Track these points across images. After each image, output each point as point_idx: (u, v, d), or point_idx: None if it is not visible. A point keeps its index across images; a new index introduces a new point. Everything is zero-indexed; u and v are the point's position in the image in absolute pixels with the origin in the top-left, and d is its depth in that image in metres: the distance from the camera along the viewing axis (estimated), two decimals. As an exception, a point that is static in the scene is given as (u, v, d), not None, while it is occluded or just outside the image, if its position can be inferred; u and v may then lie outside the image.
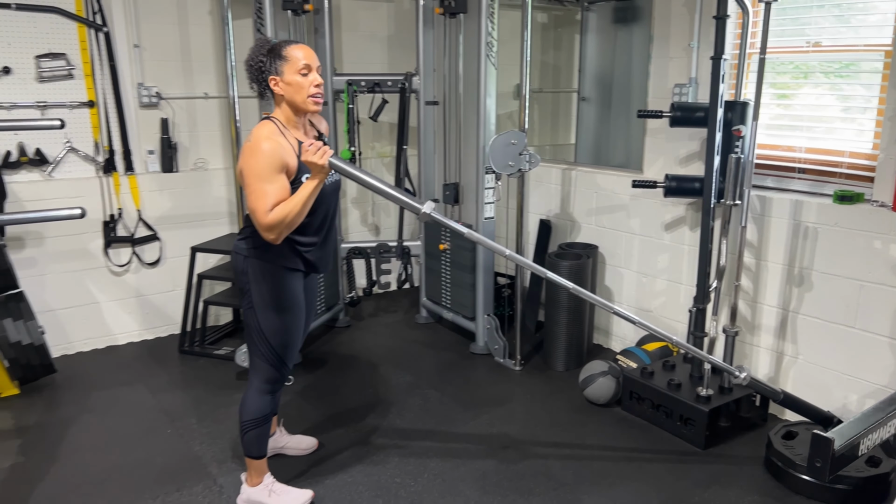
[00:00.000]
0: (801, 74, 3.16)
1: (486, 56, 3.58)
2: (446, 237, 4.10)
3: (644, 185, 3.34)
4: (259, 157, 2.16)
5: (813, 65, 3.10)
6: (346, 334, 4.24)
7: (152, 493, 2.62)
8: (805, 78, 3.15)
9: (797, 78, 3.18)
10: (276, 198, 2.16)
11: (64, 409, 3.30)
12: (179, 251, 4.11)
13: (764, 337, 3.25)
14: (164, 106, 3.99)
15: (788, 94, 3.22)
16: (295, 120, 2.31)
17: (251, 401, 2.44)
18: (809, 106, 3.14)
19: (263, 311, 2.34)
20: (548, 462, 2.85)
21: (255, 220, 2.18)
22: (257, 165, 2.16)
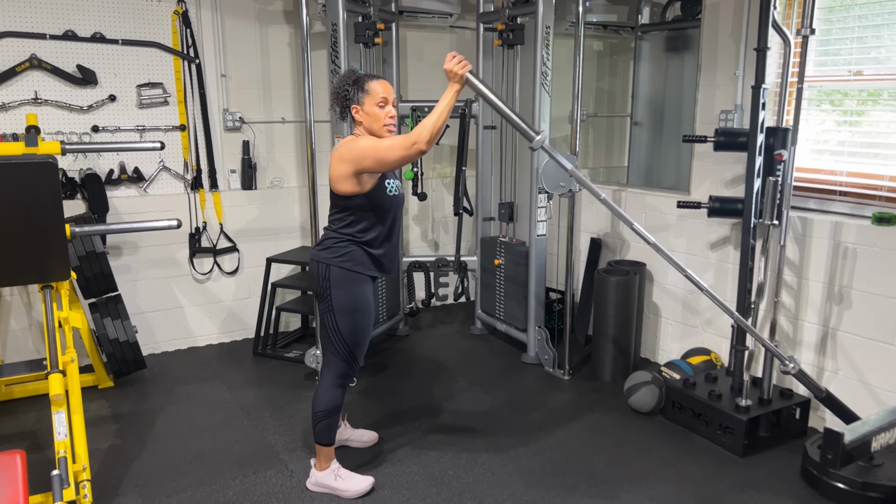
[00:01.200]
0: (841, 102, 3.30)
1: (540, 84, 3.85)
2: (501, 253, 4.35)
3: (689, 205, 3.52)
4: (358, 142, 2.52)
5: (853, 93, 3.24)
6: (405, 342, 4.53)
7: (231, 475, 2.94)
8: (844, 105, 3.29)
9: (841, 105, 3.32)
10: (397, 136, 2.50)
11: (153, 400, 3.67)
12: (256, 262, 4.50)
13: (805, 353, 3.37)
14: (246, 129, 4.40)
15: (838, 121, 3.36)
16: None
17: (324, 393, 2.74)
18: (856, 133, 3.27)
19: (340, 313, 2.64)
20: (591, 462, 3.04)
21: (396, 150, 2.45)
22: (361, 144, 2.51)
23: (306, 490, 2.82)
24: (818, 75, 3.34)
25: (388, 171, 2.63)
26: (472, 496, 2.78)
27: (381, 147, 2.49)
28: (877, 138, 3.17)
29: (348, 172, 2.53)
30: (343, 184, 2.57)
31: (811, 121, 3.41)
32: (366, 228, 2.64)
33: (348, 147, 2.54)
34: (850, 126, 3.27)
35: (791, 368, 2.75)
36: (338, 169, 2.55)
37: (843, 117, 3.32)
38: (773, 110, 3.38)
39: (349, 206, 2.62)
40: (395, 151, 2.46)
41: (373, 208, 2.63)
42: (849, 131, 3.28)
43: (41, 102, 3.78)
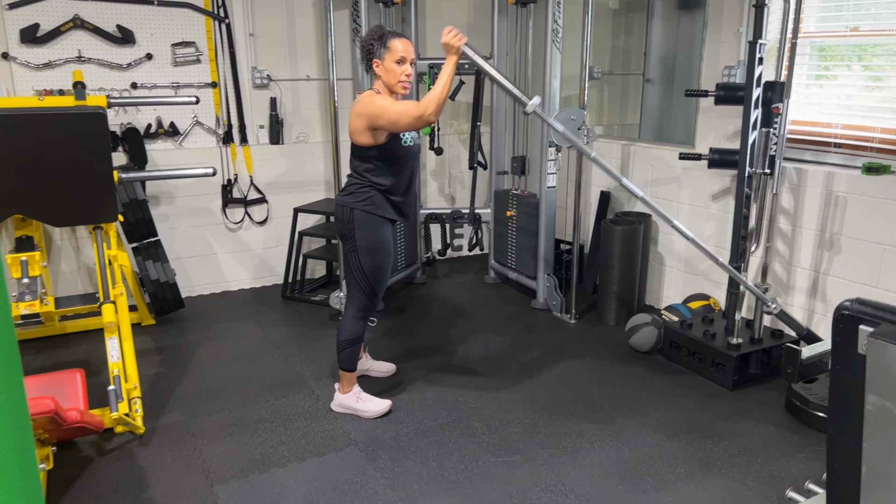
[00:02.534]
0: (838, 57, 3.45)
1: (552, 42, 4.03)
2: (513, 205, 4.58)
3: (690, 157, 3.71)
4: (377, 100, 2.75)
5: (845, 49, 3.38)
6: (422, 289, 4.82)
7: (264, 399, 3.27)
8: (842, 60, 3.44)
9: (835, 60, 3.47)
10: (409, 103, 2.74)
11: (191, 335, 4.01)
12: (284, 212, 4.79)
13: (797, 296, 3.58)
14: (273, 87, 4.65)
15: (830, 76, 3.51)
16: (390, 95, 2.87)
17: (347, 324, 3.04)
18: (847, 86, 3.42)
19: (364, 252, 2.91)
20: (590, 392, 3.31)
21: (407, 118, 2.70)
22: (378, 103, 2.74)
23: (331, 411, 3.14)
24: (818, 31, 3.48)
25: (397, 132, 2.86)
26: (480, 418, 3.08)
27: (394, 112, 2.72)
28: (872, 92, 3.32)
29: (363, 126, 2.78)
30: (360, 136, 2.82)
31: (809, 75, 3.56)
32: (384, 175, 2.89)
33: (365, 103, 2.78)
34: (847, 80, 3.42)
35: (773, 308, 2.97)
36: (355, 122, 2.80)
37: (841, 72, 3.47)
38: (772, 65, 3.53)
39: (368, 156, 2.87)
40: (406, 119, 2.71)
41: (390, 158, 2.88)
42: (842, 85, 3.43)
43: (84, 60, 4.06)
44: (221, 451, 2.84)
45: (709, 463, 2.75)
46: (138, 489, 2.60)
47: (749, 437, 2.93)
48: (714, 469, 2.71)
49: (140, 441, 2.90)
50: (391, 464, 2.75)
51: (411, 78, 2.87)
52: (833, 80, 3.50)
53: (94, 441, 2.90)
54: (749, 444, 2.87)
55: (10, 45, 3.87)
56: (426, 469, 2.72)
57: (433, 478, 2.66)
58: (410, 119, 2.71)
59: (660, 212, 2.96)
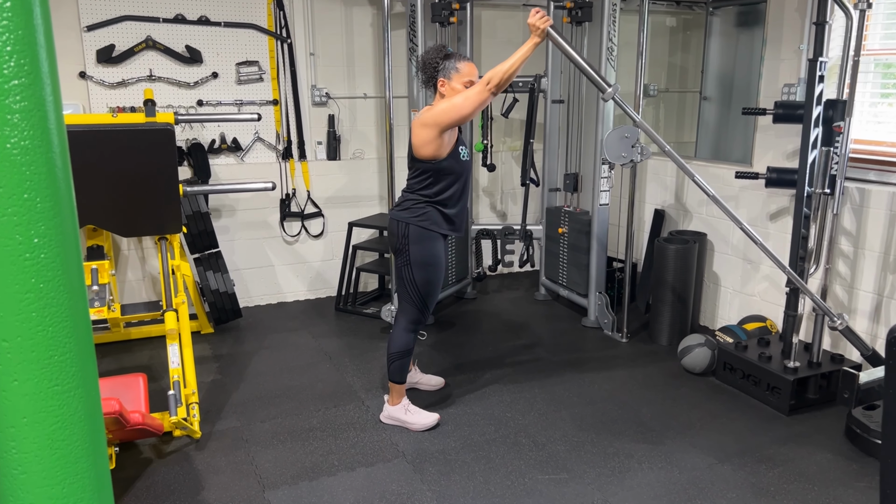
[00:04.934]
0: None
1: (606, 60, 4.04)
2: (565, 222, 4.58)
3: (746, 175, 3.65)
4: (437, 106, 2.83)
5: (917, 65, 3.29)
6: (472, 305, 4.85)
7: (315, 408, 3.34)
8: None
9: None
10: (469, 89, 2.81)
11: (247, 344, 4.14)
12: (339, 226, 4.90)
13: (859, 320, 3.47)
14: (332, 104, 4.78)
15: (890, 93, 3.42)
16: None
17: (398, 336, 3.09)
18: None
19: (417, 267, 2.97)
20: (639, 413, 3.28)
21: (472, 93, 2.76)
22: (441, 107, 2.81)
23: (380, 422, 3.19)
24: (883, 48, 3.39)
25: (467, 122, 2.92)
26: (527, 434, 3.08)
27: (456, 103, 2.79)
28: (939, 111, 3.22)
29: (432, 135, 2.84)
30: (425, 148, 2.88)
31: (873, 93, 3.47)
32: (442, 189, 2.95)
33: (429, 114, 2.85)
34: (913, 99, 3.32)
35: (839, 324, 2.89)
36: (420, 135, 2.86)
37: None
38: (834, 83, 3.46)
39: (429, 169, 2.93)
40: (470, 101, 2.77)
41: (448, 171, 2.94)
42: (911, 104, 3.33)
43: (155, 79, 4.27)
44: (273, 457, 2.92)
45: (762, 489, 2.69)
46: (194, 492, 2.69)
47: (805, 463, 2.85)
48: (767, 496, 2.65)
49: (197, 445, 3.01)
50: (438, 477, 2.78)
51: None
52: None
53: (153, 443, 3.02)
54: (805, 471, 2.79)
55: (88, 64, 4.10)
56: (472, 483, 2.74)
57: (479, 492, 2.68)
58: (474, 96, 2.76)
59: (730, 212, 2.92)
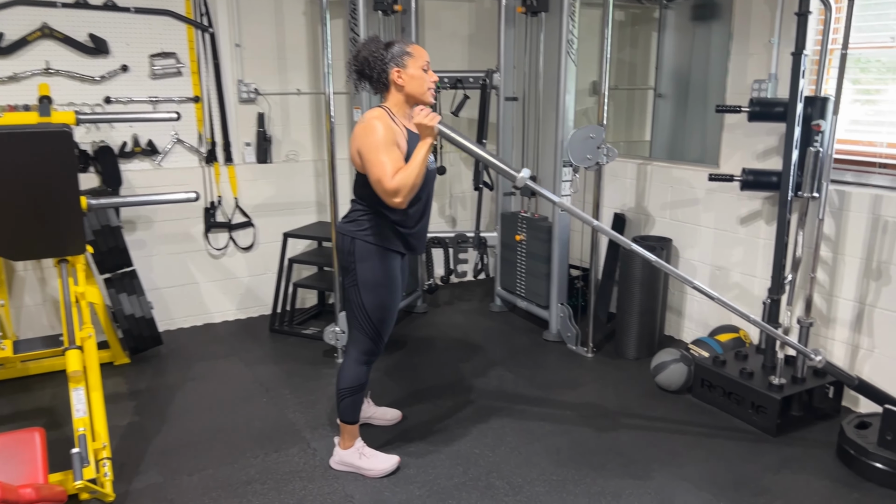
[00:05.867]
0: (885, 70, 3.17)
1: (566, 53, 3.72)
2: (522, 229, 4.25)
3: (721, 178, 3.41)
4: (376, 133, 2.38)
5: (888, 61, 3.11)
6: (423, 319, 4.46)
7: (253, 453, 2.88)
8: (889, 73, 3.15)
9: (882, 74, 3.19)
10: (395, 166, 2.38)
11: (170, 376, 3.62)
12: (272, 237, 4.42)
13: (839, 330, 3.27)
14: (261, 101, 4.29)
15: (872, 90, 3.23)
16: (405, 110, 2.52)
17: (349, 370, 2.67)
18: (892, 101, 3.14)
19: (366, 289, 2.55)
20: (619, 440, 2.97)
21: (381, 188, 2.37)
22: (375, 140, 2.38)
23: (330, 469, 2.76)
24: (858, 42, 3.20)
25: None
26: (500, 475, 2.72)
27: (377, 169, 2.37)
28: (920, 108, 3.04)
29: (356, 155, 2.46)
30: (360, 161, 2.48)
31: (850, 90, 3.28)
32: (392, 210, 2.54)
33: (365, 130, 2.41)
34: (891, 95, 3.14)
35: (818, 362, 2.65)
36: (354, 147, 2.46)
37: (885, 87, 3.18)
38: (810, 79, 3.25)
39: None
40: (378, 188, 2.39)
41: None
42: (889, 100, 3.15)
43: (53, 73, 3.68)
44: (205, 520, 2.45)
45: (766, 529, 2.42)
46: (106, 573, 2.20)
47: (804, 493, 2.60)
48: (773, 537, 2.38)
49: (110, 509, 2.50)
50: (403, 535, 2.38)
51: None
52: (875, 94, 3.22)
53: (55, 510, 2.49)
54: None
55: (-31, 55, 3.49)
56: (444, 541, 2.35)
57: (453, 553, 2.30)
58: (381, 192, 2.40)
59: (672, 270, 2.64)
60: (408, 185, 2.36)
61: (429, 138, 2.39)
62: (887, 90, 3.18)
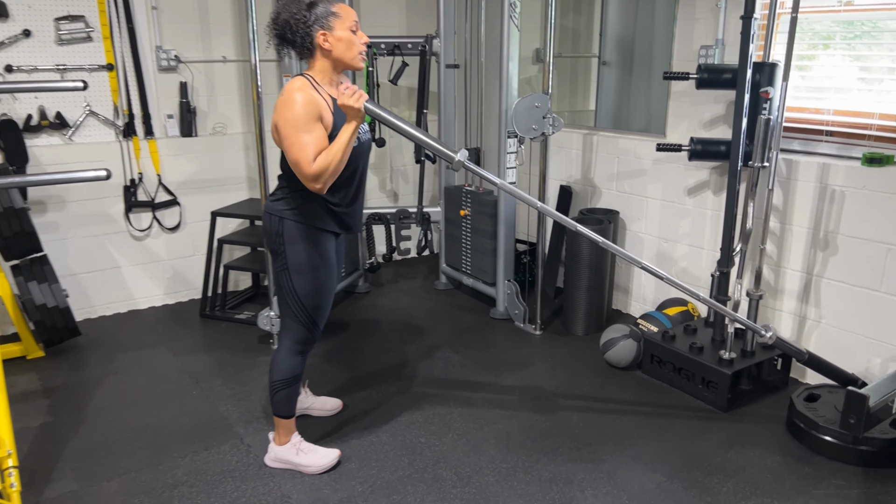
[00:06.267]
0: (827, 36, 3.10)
1: (508, 17, 3.53)
2: (467, 203, 4.08)
3: (669, 148, 3.30)
4: (294, 108, 2.15)
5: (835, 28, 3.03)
6: (365, 300, 4.26)
7: (180, 452, 2.66)
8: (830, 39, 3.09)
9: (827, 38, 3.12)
10: (316, 147, 2.16)
11: (89, 370, 3.34)
12: (199, 216, 4.13)
13: (787, 301, 3.24)
14: (183, 69, 3.97)
15: (817, 56, 3.16)
16: (331, 77, 2.29)
17: (282, 361, 2.46)
18: (838, 67, 3.08)
19: (298, 273, 2.35)
20: (570, 422, 2.86)
21: (299, 172, 2.17)
22: (294, 116, 2.15)
23: (265, 467, 2.57)
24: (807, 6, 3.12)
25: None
26: (447, 465, 2.58)
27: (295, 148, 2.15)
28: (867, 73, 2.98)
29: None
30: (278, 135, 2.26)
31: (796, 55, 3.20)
32: None
33: (285, 103, 2.17)
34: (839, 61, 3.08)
35: (769, 338, 2.59)
36: (273, 119, 2.23)
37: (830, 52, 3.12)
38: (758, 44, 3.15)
39: None
40: (297, 170, 2.19)
41: None
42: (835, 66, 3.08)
43: (-60, 37, 3.29)
44: (126, 531, 2.24)
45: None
46: None
47: (757, 470, 2.55)
48: (728, 518, 2.31)
49: (17, 524, 2.26)
50: (345, 536, 2.22)
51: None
52: (820, 61, 3.15)
53: (-46, 528, 2.24)
54: (759, 481, 2.48)
55: None
56: (389, 541, 2.20)
57: (399, 553, 2.15)
58: (300, 175, 2.20)
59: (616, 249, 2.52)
60: (328, 171, 2.16)
61: (354, 121, 2.17)
62: (818, 56, 3.12)
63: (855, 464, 2.55)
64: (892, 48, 2.89)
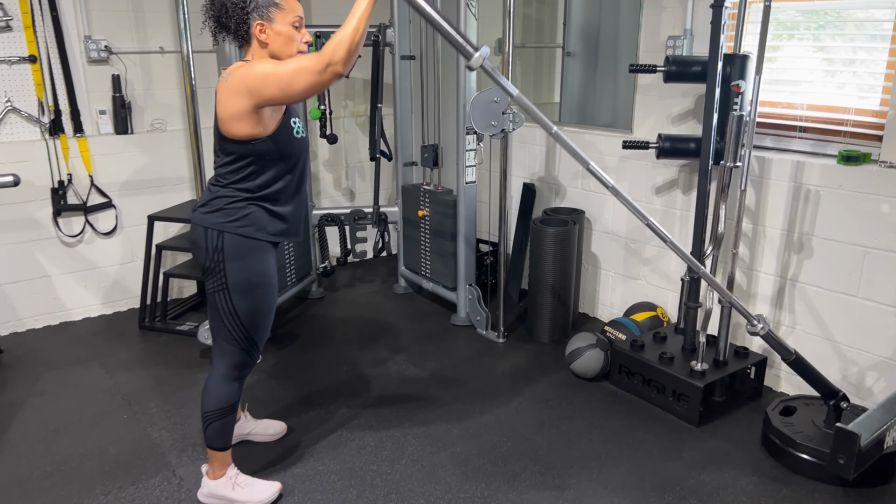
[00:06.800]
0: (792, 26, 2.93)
1: (466, 6, 3.30)
2: (426, 203, 3.85)
3: (636, 145, 3.11)
4: (255, 67, 1.92)
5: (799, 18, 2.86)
6: (318, 307, 4.02)
7: (104, 488, 2.40)
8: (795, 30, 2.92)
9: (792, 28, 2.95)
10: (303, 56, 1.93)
11: (10, 392, 3.04)
12: (137, 219, 3.84)
13: (759, 306, 3.08)
14: (116, 61, 3.66)
15: (781, 47, 2.99)
16: None
17: (216, 388, 2.22)
18: (804, 59, 2.91)
19: (238, 292, 2.10)
20: (534, 443, 2.67)
21: (310, 77, 1.87)
22: (262, 69, 1.91)
23: (198, 503, 2.32)
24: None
25: (294, 104, 2.06)
26: (400, 496, 2.36)
27: (285, 71, 1.88)
28: (839, 66, 2.82)
29: (247, 108, 1.95)
30: (239, 124, 1.98)
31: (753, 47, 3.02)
32: (269, 181, 2.09)
33: (242, 75, 1.93)
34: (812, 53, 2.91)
35: (760, 329, 2.41)
36: (230, 105, 1.96)
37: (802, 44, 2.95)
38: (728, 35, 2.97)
39: (248, 154, 2.04)
40: (304, 76, 1.87)
41: (277, 155, 2.06)
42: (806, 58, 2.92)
43: None
44: (33, 587, 1.98)
45: (695, 541, 2.17)
46: None
47: (732, 493, 2.38)
48: (703, 550, 2.13)
49: None
50: (283, 585, 1.99)
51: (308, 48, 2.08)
52: (785, 52, 2.98)
53: None
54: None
55: None
56: (332, 590, 1.98)
57: None
58: (311, 75, 1.87)
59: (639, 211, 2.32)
60: (345, 41, 1.83)
61: None
62: (783, 48, 2.95)
63: (835, 483, 2.40)
64: (853, 38, 2.72)
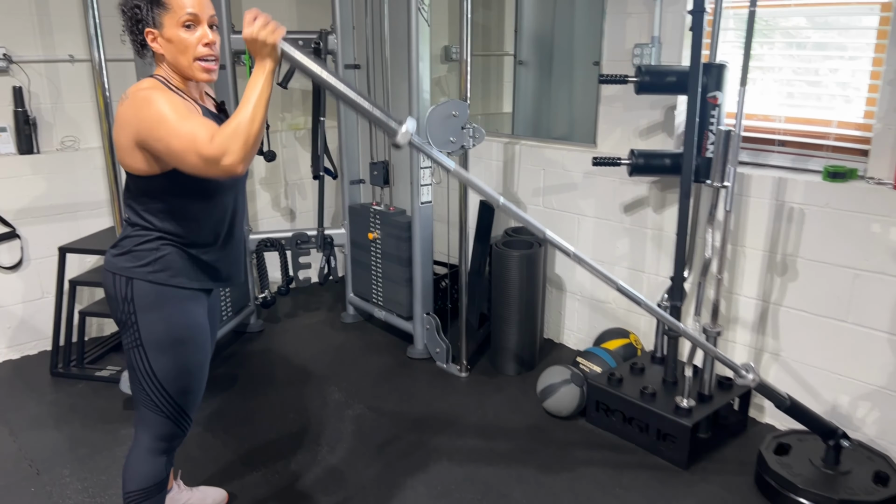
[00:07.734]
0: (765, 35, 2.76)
1: (417, 10, 3.01)
2: (376, 225, 3.53)
3: (606, 162, 2.87)
4: (153, 105, 1.56)
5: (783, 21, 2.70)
6: (259, 342, 3.63)
7: (5, 586, 1.99)
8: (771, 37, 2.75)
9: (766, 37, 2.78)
10: (207, 127, 1.53)
11: None
12: (46, 251, 3.37)
13: (740, 332, 2.89)
14: (17, 71, 3.21)
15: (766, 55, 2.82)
16: (185, 83, 1.70)
17: (139, 464, 1.83)
18: (787, 69, 2.75)
19: (156, 350, 1.73)
20: (510, 499, 2.38)
21: (195, 160, 1.51)
22: (158, 111, 1.55)
23: None
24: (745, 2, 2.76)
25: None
26: (364, 577, 2.03)
27: (179, 135, 1.52)
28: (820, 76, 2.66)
29: (131, 144, 1.60)
30: (130, 159, 1.63)
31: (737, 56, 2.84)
32: (185, 224, 1.73)
33: (137, 104, 1.58)
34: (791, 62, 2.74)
35: (751, 381, 2.19)
36: (119, 135, 1.61)
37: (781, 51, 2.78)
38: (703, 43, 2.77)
39: (152, 190, 1.69)
40: (191, 158, 1.51)
41: (194, 193, 1.71)
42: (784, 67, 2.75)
43: None
44: None
45: None
46: None
47: (733, 549, 2.15)
48: None
49: None
50: None
51: (216, 49, 1.70)
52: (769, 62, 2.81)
53: None
54: (739, 565, 2.09)
55: None
56: None
57: None
58: (197, 159, 1.51)
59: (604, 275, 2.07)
60: (240, 135, 1.49)
61: (268, 61, 1.55)
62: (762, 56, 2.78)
63: (841, 531, 2.20)
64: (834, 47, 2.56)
